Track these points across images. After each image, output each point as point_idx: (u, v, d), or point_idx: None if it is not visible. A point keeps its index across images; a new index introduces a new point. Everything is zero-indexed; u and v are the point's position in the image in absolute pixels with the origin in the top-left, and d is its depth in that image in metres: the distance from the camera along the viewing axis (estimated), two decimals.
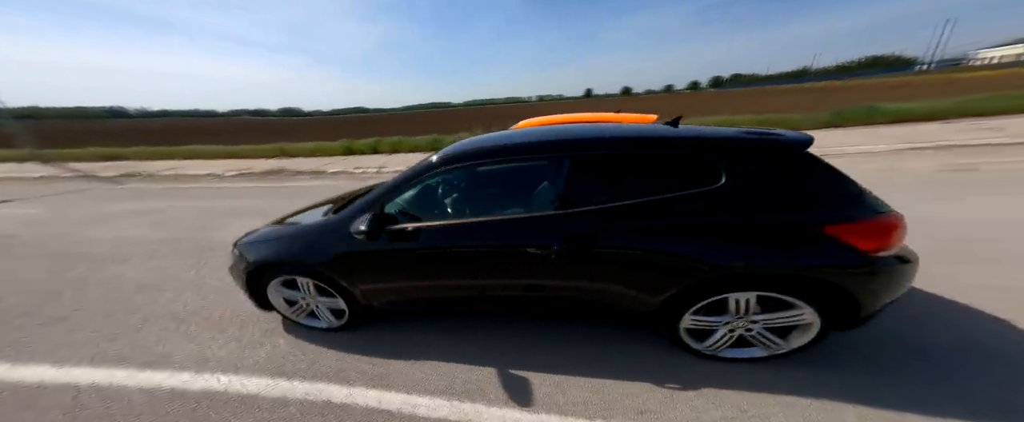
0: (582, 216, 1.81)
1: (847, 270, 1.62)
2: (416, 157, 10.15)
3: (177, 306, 2.77)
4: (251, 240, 2.36)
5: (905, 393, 1.63)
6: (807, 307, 1.69)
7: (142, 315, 2.68)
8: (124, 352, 2.25)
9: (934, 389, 1.64)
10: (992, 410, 1.51)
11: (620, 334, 2.14)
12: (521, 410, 1.67)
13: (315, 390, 1.86)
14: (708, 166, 1.78)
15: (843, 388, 1.68)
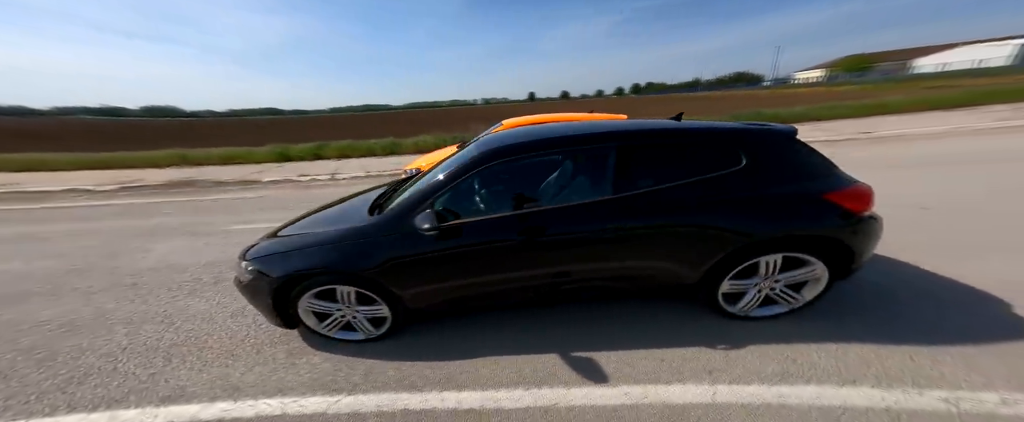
0: (635, 199, 1.96)
1: (846, 229, 1.95)
2: (377, 162, 9.65)
3: (147, 339, 2.37)
4: (269, 252, 2.13)
5: (894, 325, 2.01)
6: (818, 262, 1.99)
7: (102, 354, 2.24)
8: (116, 392, 1.90)
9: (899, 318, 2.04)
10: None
11: (649, 308, 2.31)
12: (601, 387, 1.74)
13: (387, 400, 1.75)
14: (731, 152, 2.03)
15: (854, 329, 2.01)
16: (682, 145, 2.10)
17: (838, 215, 1.95)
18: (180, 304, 2.80)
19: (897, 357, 1.79)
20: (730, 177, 2.00)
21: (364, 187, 3.32)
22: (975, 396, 1.54)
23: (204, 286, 3.07)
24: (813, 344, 1.92)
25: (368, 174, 7.99)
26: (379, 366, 2.00)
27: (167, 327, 2.50)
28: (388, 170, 8.24)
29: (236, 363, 2.10)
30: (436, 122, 21.92)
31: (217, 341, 2.32)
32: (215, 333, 2.40)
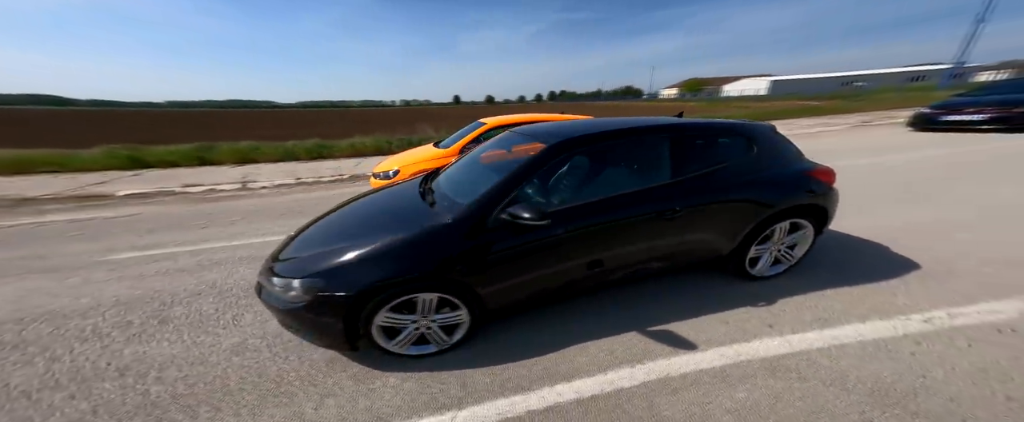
0: (691, 182, 2.18)
1: (825, 196, 2.46)
2: (304, 167, 8.55)
3: (152, 397, 1.82)
4: (331, 266, 1.78)
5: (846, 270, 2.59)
6: (809, 225, 2.47)
7: (98, 402, 1.68)
8: None
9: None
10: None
11: (675, 285, 2.52)
12: (697, 353, 1.88)
13: (504, 406, 1.63)
14: (746, 142, 2.41)
15: (828, 278, 2.51)
16: (714, 137, 2.41)
17: (820, 187, 2.45)
18: (136, 351, 2.15)
19: (875, 294, 2.32)
20: (751, 161, 2.37)
21: (305, 196, 2.92)
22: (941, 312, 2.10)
23: (144, 328, 2.38)
24: (821, 292, 2.36)
25: (300, 180, 7.00)
26: (469, 376, 1.84)
27: (155, 381, 1.91)
28: (327, 175, 7.38)
29: (298, 400, 1.74)
30: (334, 124, 20.07)
31: (238, 380, 1.88)
32: (231, 374, 1.93)
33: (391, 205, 2.46)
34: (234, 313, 2.50)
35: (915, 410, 1.51)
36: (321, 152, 10.09)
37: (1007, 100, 7.89)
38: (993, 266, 2.57)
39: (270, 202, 5.48)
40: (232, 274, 3.09)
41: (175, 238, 4.00)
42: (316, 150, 10.09)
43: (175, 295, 2.77)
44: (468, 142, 4.36)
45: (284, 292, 1.80)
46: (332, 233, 2.17)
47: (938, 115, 8.50)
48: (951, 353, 1.81)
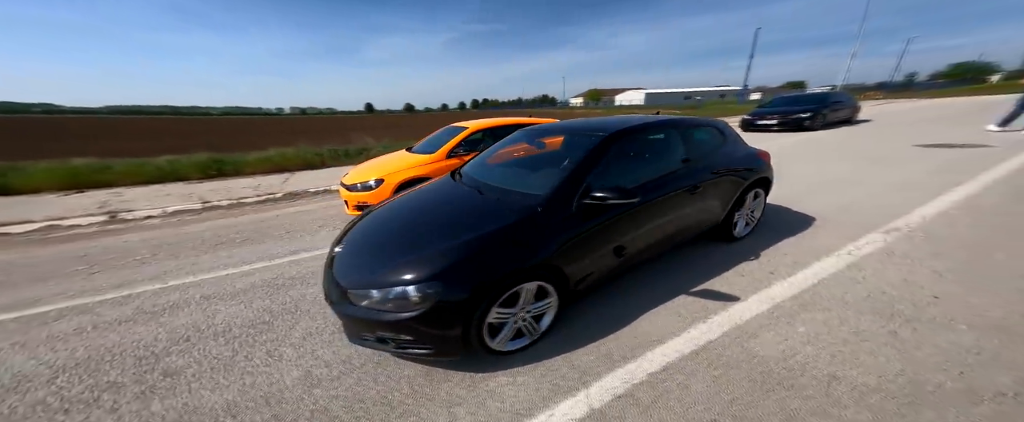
0: (698, 165, 2.60)
1: (768, 170, 3.13)
2: (198, 188, 7.06)
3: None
4: (443, 269, 1.62)
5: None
6: (763, 193, 3.14)
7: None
8: None
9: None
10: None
11: (678, 256, 2.85)
12: (744, 303, 2.21)
13: (624, 375, 1.71)
14: (719, 132, 2.95)
15: (775, 237, 3.21)
16: (702, 129, 2.89)
17: (765, 163, 3.11)
18: (181, 403, 1.62)
19: (808, 239, 3.04)
20: (727, 147, 2.91)
21: (234, 222, 2.68)
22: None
23: (154, 385, 1.83)
24: (777, 244, 2.99)
25: (207, 204, 5.72)
26: (572, 358, 1.85)
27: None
28: (249, 196, 6.22)
29: (427, 416, 1.54)
30: (192, 136, 17.02)
31: (353, 410, 1.58)
32: (331, 406, 1.60)
33: (443, 203, 2.32)
34: (262, 350, 2.02)
35: (883, 298, 2.07)
36: (220, 168, 8.36)
37: (784, 110, 10.95)
38: (873, 215, 3.47)
39: (179, 232, 4.35)
40: (214, 315, 2.46)
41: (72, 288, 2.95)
42: (213, 166, 8.32)
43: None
44: (454, 146, 4.23)
45: (392, 303, 1.58)
46: (398, 239, 1.97)
47: (755, 120, 11.29)
48: (879, 267, 2.52)
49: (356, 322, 1.70)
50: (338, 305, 1.75)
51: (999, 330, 1.85)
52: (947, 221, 3.28)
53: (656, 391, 1.62)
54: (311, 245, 3.63)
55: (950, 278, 2.35)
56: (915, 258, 2.64)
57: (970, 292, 2.18)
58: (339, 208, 4.97)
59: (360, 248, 1.99)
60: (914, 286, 2.29)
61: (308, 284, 2.80)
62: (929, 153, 6.22)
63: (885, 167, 5.44)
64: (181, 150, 9.64)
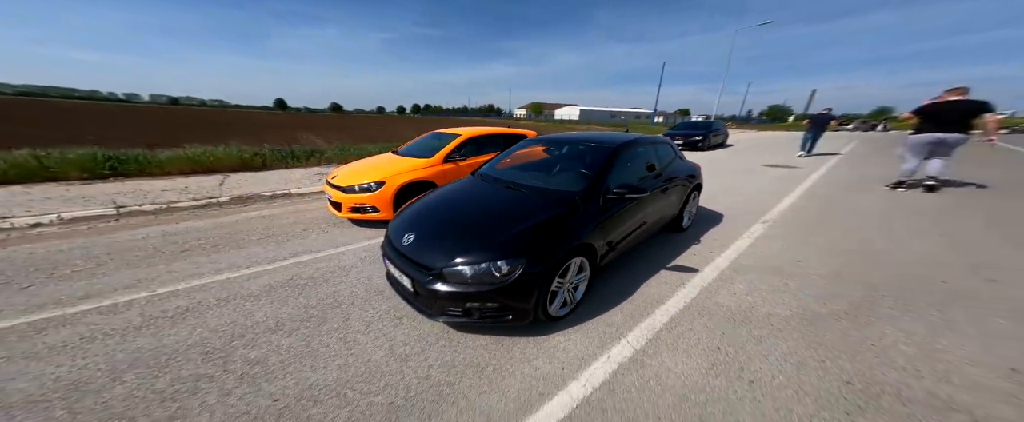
0: (665, 172, 3.33)
1: (701, 179, 4.10)
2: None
3: (372, 400, 1.50)
4: (520, 246, 1.96)
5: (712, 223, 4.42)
6: (697, 195, 4.09)
7: None
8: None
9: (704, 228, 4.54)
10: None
11: (642, 248, 3.71)
12: (701, 272, 2.92)
13: (651, 323, 2.23)
14: (671, 149, 3.79)
15: (706, 228, 4.23)
16: (663, 146, 3.64)
17: (699, 173, 4.06)
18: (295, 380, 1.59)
19: (726, 227, 4.09)
20: (678, 159, 3.77)
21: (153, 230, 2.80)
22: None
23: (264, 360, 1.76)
24: (710, 232, 3.95)
25: (124, 209, 4.78)
26: (606, 318, 2.28)
27: (378, 395, 1.51)
28: (182, 201, 5.36)
29: (512, 368, 1.79)
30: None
31: (452, 373, 1.73)
32: (432, 375, 1.74)
33: (485, 197, 2.61)
34: (332, 337, 2.02)
35: (774, 263, 3.02)
36: (117, 167, 6.83)
37: (685, 133, 13.63)
38: (754, 211, 4.78)
39: (110, 240, 3.67)
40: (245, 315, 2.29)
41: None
42: (104, 164, 6.76)
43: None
44: (450, 151, 4.40)
45: (483, 277, 1.84)
46: (465, 227, 2.23)
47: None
48: (766, 244, 3.57)
49: (445, 298, 1.89)
50: (428, 286, 1.91)
51: (836, 276, 2.88)
52: (791, 213, 4.70)
53: (673, 333, 2.16)
54: (308, 248, 3.43)
55: (803, 248, 3.46)
56: (782, 237, 3.77)
57: (815, 256, 3.28)
58: (318, 211, 4.65)
59: (432, 236, 2.15)
60: (787, 255, 3.31)
61: (332, 283, 2.74)
62: (771, 170, 8.44)
63: (751, 179, 7.27)
64: None
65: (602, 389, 1.72)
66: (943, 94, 5.41)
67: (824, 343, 2.04)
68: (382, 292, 2.57)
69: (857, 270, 2.97)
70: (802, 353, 1.96)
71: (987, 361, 1.87)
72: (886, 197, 5.54)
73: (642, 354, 1.97)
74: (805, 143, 11.51)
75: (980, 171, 7.22)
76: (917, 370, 1.82)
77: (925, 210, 4.78)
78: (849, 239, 3.70)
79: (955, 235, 3.80)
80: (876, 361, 1.88)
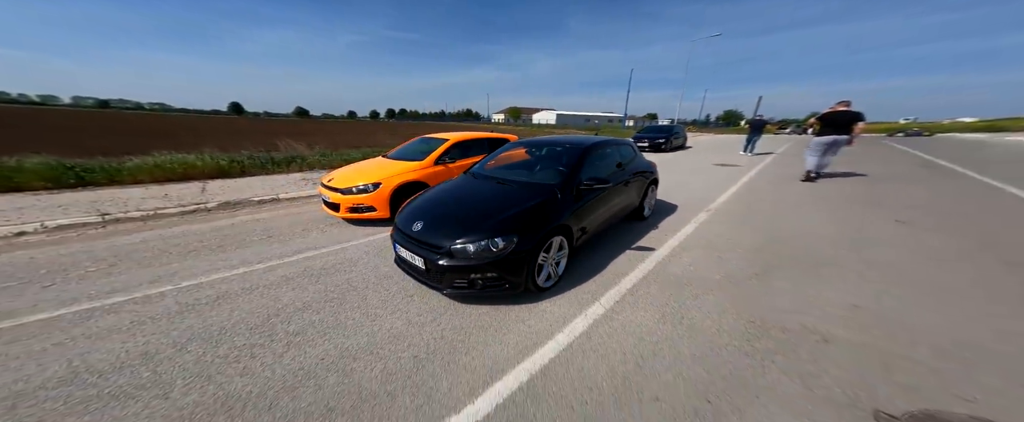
0: (627, 168, 3.87)
1: (657, 175, 4.71)
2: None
3: (402, 355, 1.86)
4: (514, 227, 2.39)
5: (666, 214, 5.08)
6: (655, 188, 4.70)
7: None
8: None
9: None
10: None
11: (610, 232, 4.28)
12: (658, 250, 3.45)
13: (617, 290, 2.72)
14: (632, 148, 4.39)
15: (663, 216, 4.86)
16: (625, 146, 4.23)
17: (655, 169, 4.66)
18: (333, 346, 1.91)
19: (680, 215, 4.73)
20: (637, 157, 4.35)
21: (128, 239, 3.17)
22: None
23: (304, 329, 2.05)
24: (666, 220, 4.57)
25: (109, 217, 4.78)
26: (583, 288, 2.72)
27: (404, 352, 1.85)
28: (166, 207, 5.32)
29: (511, 321, 2.20)
30: None
31: (464, 331, 2.11)
32: (447, 335, 2.11)
33: (478, 191, 3.03)
34: (356, 313, 2.35)
35: (714, 242, 3.66)
36: (83, 177, 6.51)
37: (651, 137, 14.71)
38: (701, 202, 5.51)
39: (108, 245, 3.72)
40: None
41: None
42: (69, 174, 6.43)
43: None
44: (440, 154, 4.72)
45: (484, 252, 2.25)
46: (465, 214, 2.63)
47: (635, 143, 14.69)
48: (708, 228, 4.23)
49: (452, 271, 2.27)
50: (438, 262, 2.28)
51: (756, 250, 3.53)
52: (730, 203, 5.47)
53: (634, 296, 2.66)
54: (312, 245, 3.66)
55: (736, 230, 4.14)
56: (722, 223, 4.45)
57: (743, 236, 3.95)
58: (313, 214, 4.82)
59: (437, 222, 2.53)
60: (723, 236, 3.96)
61: (343, 272, 3.02)
62: (719, 168, 9.44)
63: (702, 176, 8.15)
64: None
65: (582, 337, 2.17)
66: (836, 105, 6.79)
67: (739, 296, 2.63)
68: (391, 277, 2.89)
69: (774, 245, 3.66)
70: (724, 304, 2.52)
71: (839, 301, 2.52)
72: (800, 188, 6.56)
73: (611, 312, 2.45)
74: (747, 144, 12.96)
75: (864, 165, 9.07)
76: (795, 310, 2.43)
77: (826, 197, 5.77)
78: (769, 222, 4.45)
79: (840, 215, 4.74)
80: (770, 306, 2.48)
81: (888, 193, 6.06)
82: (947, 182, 7.14)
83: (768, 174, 8.42)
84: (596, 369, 1.87)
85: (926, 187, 6.61)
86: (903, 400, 1.61)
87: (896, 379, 1.76)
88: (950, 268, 3.05)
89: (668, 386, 1.73)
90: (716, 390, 1.70)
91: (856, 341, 2.07)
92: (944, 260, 3.22)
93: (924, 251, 3.44)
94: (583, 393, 1.70)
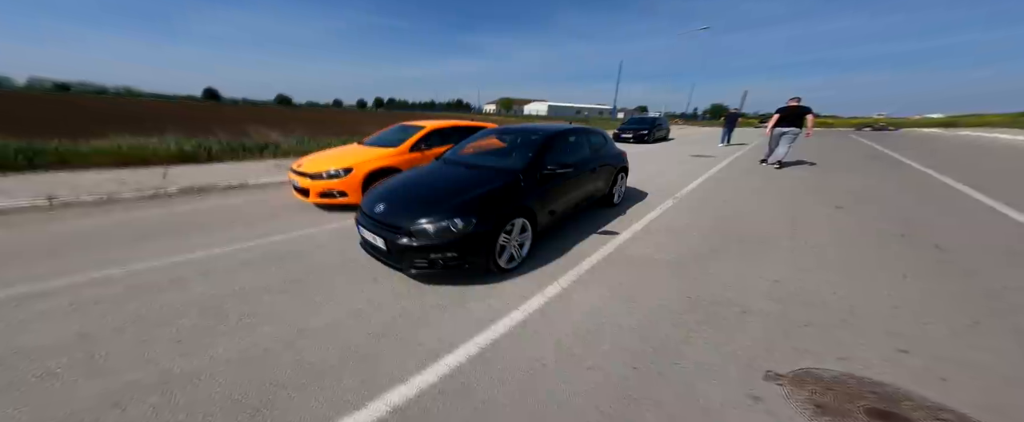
0: (596, 155, 3.99)
1: (627, 163, 4.83)
2: None
3: (348, 337, 1.90)
4: (475, 208, 2.45)
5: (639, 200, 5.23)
6: (625, 176, 4.83)
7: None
8: None
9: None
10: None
11: (581, 217, 4.39)
12: (620, 235, 3.58)
13: (576, 272, 2.82)
14: (604, 138, 4.49)
15: (631, 204, 5.01)
16: (596, 135, 4.31)
17: (625, 159, 4.80)
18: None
19: (649, 201, 4.89)
20: (608, 146, 4.45)
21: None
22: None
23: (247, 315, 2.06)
24: (637, 204, 4.72)
25: (56, 200, 4.59)
26: (544, 271, 2.80)
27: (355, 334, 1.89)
28: (122, 191, 5.11)
29: (474, 299, 2.28)
30: None
31: (435, 305, 2.17)
32: (393, 310, 2.16)
33: (446, 175, 3.07)
34: (319, 296, 2.36)
35: (675, 227, 3.83)
36: (32, 159, 6.18)
37: (634, 128, 14.94)
38: (670, 190, 5.70)
39: (49, 231, 3.57)
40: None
41: None
42: (19, 155, 6.09)
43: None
44: (417, 141, 4.70)
45: (444, 232, 2.29)
46: (428, 196, 2.68)
47: (621, 134, 14.93)
48: (673, 214, 4.40)
49: (412, 251, 2.32)
50: (397, 242, 2.32)
51: (710, 232, 3.72)
52: (696, 191, 5.69)
53: (591, 275, 2.78)
54: (279, 230, 3.61)
55: (695, 215, 4.32)
56: (684, 209, 4.63)
57: (701, 220, 4.13)
58: (282, 199, 4.72)
59: (401, 205, 2.56)
60: (683, 221, 4.12)
61: (310, 255, 3.01)
62: (694, 159, 9.72)
63: (677, 165, 8.38)
64: None
65: (536, 313, 2.26)
66: (789, 101, 7.57)
67: (684, 275, 2.79)
68: (357, 260, 2.91)
69: (725, 228, 3.87)
70: (669, 282, 2.68)
71: (764, 276, 2.75)
72: (759, 177, 6.95)
73: (567, 291, 2.55)
74: (723, 136, 13.49)
75: (821, 155, 10.18)
76: (727, 285, 2.62)
77: (778, 184, 6.18)
78: (727, 207, 4.69)
79: (788, 201, 5.10)
80: (707, 283, 2.66)
81: (833, 181, 6.51)
82: (890, 171, 7.79)
83: (738, 165, 8.75)
84: (544, 343, 1.97)
85: (867, 176, 7.16)
86: (791, 361, 1.81)
87: (792, 344, 1.95)
88: (866, 248, 3.33)
89: (605, 355, 1.85)
90: (645, 358, 1.83)
91: (768, 311, 2.29)
92: (864, 241, 3.49)
93: (849, 233, 3.73)
94: (528, 364, 1.79)
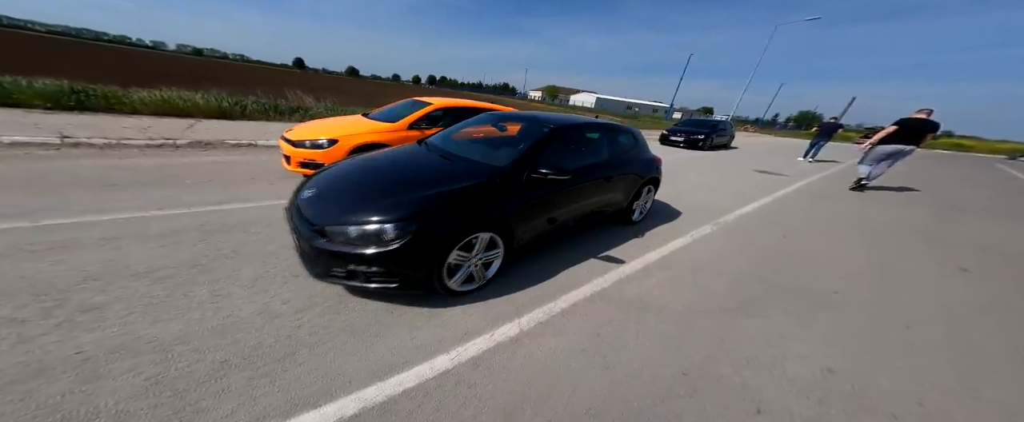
0: (616, 161, 3.18)
1: (659, 172, 3.91)
2: None
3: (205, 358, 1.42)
4: (419, 210, 1.86)
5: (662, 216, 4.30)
6: (654, 188, 3.92)
7: None
8: None
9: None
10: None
11: (588, 234, 3.54)
12: (640, 259, 2.90)
13: (549, 308, 2.16)
14: (634, 138, 3.63)
15: (655, 221, 4.11)
16: (624, 134, 3.48)
17: (659, 167, 3.90)
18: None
19: (680, 224, 3.97)
20: (636, 150, 3.58)
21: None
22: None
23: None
24: (657, 229, 3.81)
25: (68, 140, 4.63)
26: (511, 299, 2.19)
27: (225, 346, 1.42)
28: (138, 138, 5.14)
29: (394, 332, 1.73)
30: None
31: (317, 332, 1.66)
32: (309, 325, 1.65)
33: (412, 163, 2.48)
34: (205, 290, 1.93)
35: (701, 259, 2.94)
36: (83, 100, 6.54)
37: (688, 131, 13.11)
38: (712, 213, 4.65)
39: (34, 168, 3.50)
40: None
41: None
42: (71, 96, 6.47)
43: None
44: (417, 119, 4.25)
45: (369, 239, 1.74)
46: (372, 187, 2.13)
47: (670, 136, 13.19)
48: (702, 244, 3.47)
49: (328, 257, 1.79)
50: (311, 242, 1.80)
51: (744, 278, 2.78)
52: (747, 217, 4.59)
53: (565, 318, 2.09)
54: (243, 197, 3.32)
55: (735, 251, 3.35)
56: (722, 239, 3.66)
57: (739, 258, 3.18)
58: (275, 164, 4.48)
59: (333, 193, 2.05)
60: (716, 257, 3.18)
61: (246, 233, 2.65)
62: (757, 175, 8.21)
63: (732, 181, 7.06)
64: None
65: (467, 364, 1.66)
66: (917, 112, 5.95)
67: (691, 336, 2.03)
68: (289, 248, 2.46)
69: (770, 274, 2.93)
70: (667, 343, 1.94)
71: (810, 357, 1.95)
72: (850, 208, 5.52)
73: (525, 335, 1.91)
74: (809, 149, 11.51)
75: (951, 188, 7.95)
76: (750, 361, 1.86)
77: (876, 225, 4.74)
78: (784, 245, 3.65)
79: (884, 247, 3.93)
80: (723, 353, 1.91)
81: (960, 228, 4.89)
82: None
83: (818, 188, 7.21)
84: (461, 409, 1.36)
85: (1016, 222, 5.36)
86: None
87: None
88: (993, 338, 2.26)
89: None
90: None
91: (801, 416, 1.54)
92: (993, 327, 2.38)
93: (969, 311, 2.62)
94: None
